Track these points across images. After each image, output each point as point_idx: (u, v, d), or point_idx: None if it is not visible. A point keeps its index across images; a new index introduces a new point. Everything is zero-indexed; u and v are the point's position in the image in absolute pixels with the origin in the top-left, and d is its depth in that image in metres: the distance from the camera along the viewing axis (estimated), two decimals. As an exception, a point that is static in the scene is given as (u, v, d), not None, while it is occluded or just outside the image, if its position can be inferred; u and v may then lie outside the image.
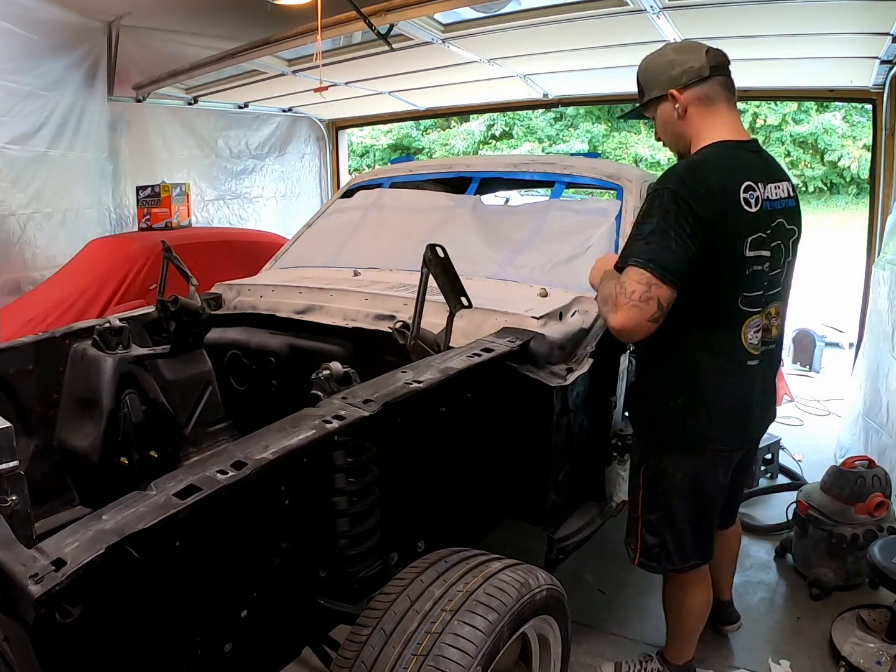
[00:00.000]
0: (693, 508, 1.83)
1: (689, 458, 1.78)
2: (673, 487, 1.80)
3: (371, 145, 17.99)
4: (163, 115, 5.21)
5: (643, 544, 1.90)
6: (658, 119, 1.75)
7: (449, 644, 1.20)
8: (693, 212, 1.52)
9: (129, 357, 2.20)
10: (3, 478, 1.39)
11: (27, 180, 4.26)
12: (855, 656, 2.21)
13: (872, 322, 3.64)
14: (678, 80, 1.64)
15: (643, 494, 1.86)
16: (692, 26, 3.18)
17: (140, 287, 3.83)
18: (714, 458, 1.79)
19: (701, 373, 1.69)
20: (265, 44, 3.65)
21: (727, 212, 1.56)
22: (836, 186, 15.64)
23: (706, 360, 1.69)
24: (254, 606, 1.29)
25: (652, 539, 1.88)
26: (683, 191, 1.54)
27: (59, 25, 4.18)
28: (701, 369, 1.69)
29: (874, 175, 4.18)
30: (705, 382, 1.70)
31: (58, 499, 2.19)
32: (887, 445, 3.12)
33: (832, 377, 5.61)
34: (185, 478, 1.12)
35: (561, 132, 16.99)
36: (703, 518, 1.86)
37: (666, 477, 1.80)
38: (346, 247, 2.84)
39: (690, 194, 1.53)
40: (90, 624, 0.98)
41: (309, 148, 6.66)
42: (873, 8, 2.81)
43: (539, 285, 2.29)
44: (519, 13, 3.27)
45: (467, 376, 1.64)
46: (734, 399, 1.72)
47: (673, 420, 1.75)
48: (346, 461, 1.36)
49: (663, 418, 1.77)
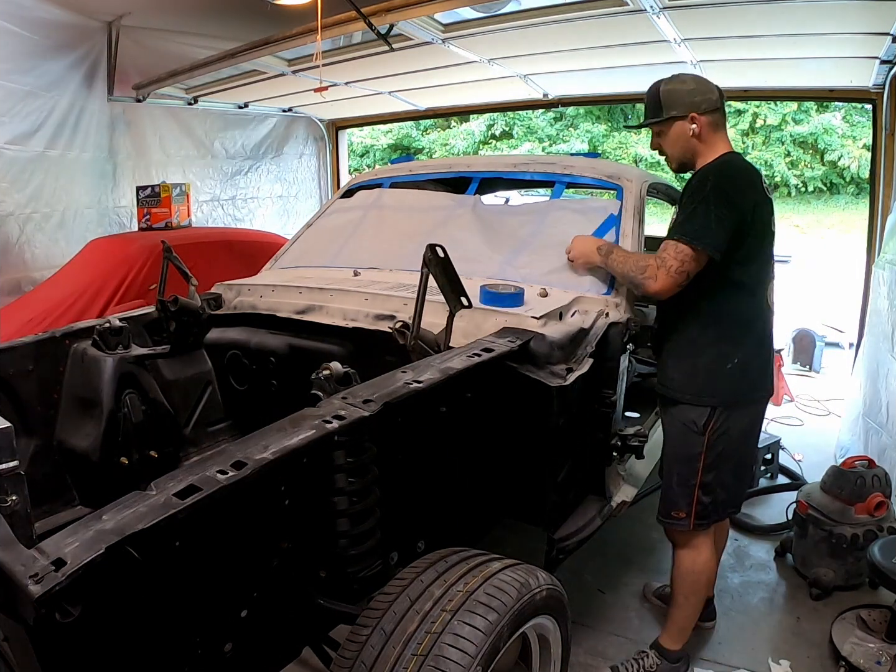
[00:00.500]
0: (740, 461, 2.13)
1: (745, 411, 2.05)
2: (730, 445, 2.05)
3: (371, 145, 18.00)
4: (160, 116, 5.21)
5: (699, 506, 2.09)
6: (671, 134, 2.07)
7: (449, 644, 1.20)
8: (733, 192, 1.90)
9: (129, 357, 2.19)
10: (3, 478, 1.38)
11: (26, 180, 4.26)
12: (855, 656, 2.21)
13: (872, 322, 3.64)
14: (699, 105, 2.01)
15: (704, 460, 2.05)
16: (692, 26, 3.18)
17: (140, 287, 3.83)
18: (760, 408, 2.14)
19: (751, 331, 2.03)
20: (265, 44, 3.65)
21: (758, 197, 1.97)
22: (836, 186, 15.65)
23: (754, 321, 2.04)
24: (254, 606, 1.29)
25: (707, 499, 2.09)
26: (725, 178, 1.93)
27: (59, 25, 4.18)
28: (751, 329, 2.03)
29: (874, 175, 4.18)
30: (755, 339, 2.04)
31: (58, 499, 2.18)
32: (887, 445, 3.12)
33: (832, 377, 5.62)
34: (185, 478, 1.12)
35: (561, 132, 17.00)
36: (746, 469, 2.23)
37: (726, 437, 2.04)
38: (346, 247, 2.84)
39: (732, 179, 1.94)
40: (90, 624, 0.98)
41: (307, 148, 6.66)
42: (873, 8, 2.81)
43: (539, 285, 2.29)
44: (519, 13, 3.27)
45: (467, 376, 1.64)
46: (769, 351, 2.10)
47: (731, 379, 2.00)
48: (346, 461, 1.36)
49: (723, 379, 2.01)
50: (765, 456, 3.70)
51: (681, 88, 2.04)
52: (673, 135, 2.07)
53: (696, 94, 2.02)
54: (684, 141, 2.05)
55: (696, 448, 2.04)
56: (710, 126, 2.04)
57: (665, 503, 2.15)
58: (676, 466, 2.11)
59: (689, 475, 2.07)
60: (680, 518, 2.10)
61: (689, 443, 2.06)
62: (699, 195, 1.92)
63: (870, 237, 4.27)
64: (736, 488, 2.16)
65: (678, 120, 2.03)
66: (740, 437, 2.07)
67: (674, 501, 2.11)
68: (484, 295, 2.15)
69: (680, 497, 2.10)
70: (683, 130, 2.04)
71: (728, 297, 1.99)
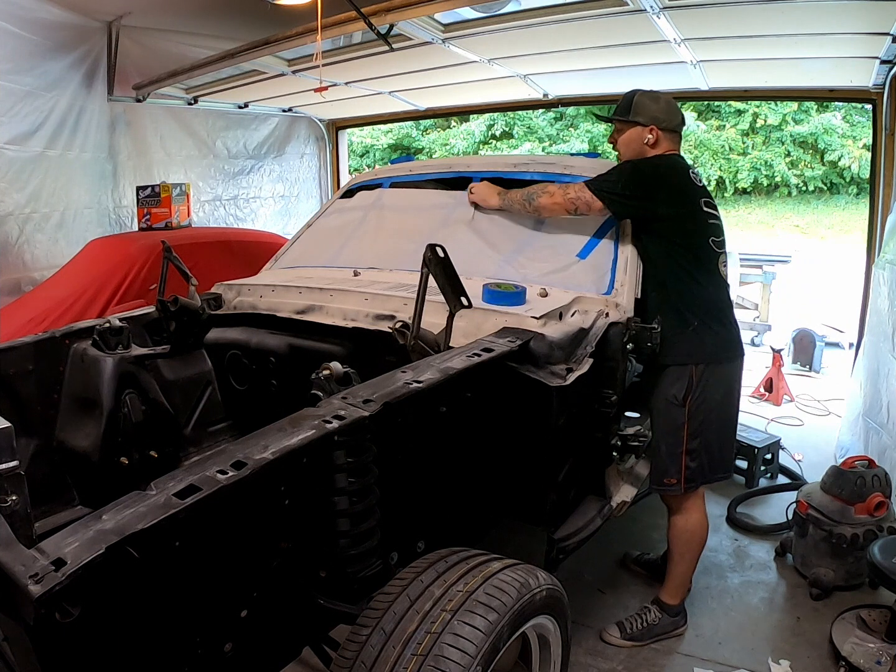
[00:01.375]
0: (722, 425, 2.30)
1: (717, 375, 2.23)
2: (710, 412, 2.24)
3: (371, 145, 17.98)
4: (161, 116, 5.20)
5: (687, 471, 2.27)
6: (627, 135, 2.33)
7: (449, 644, 1.20)
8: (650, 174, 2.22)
9: (129, 357, 2.19)
10: (3, 478, 1.38)
11: (26, 180, 4.25)
12: (855, 656, 2.21)
13: (872, 322, 3.64)
14: (661, 122, 2.29)
15: (687, 428, 2.23)
16: (692, 26, 3.18)
17: (140, 287, 3.82)
18: (732, 369, 2.30)
19: (704, 297, 2.24)
20: (265, 44, 3.65)
21: (680, 173, 2.25)
22: (836, 186, 15.63)
23: (704, 289, 2.24)
24: (254, 606, 1.29)
25: (693, 464, 2.26)
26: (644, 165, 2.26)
27: (59, 25, 4.18)
28: (704, 295, 2.24)
29: (874, 175, 4.18)
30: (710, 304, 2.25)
31: (58, 499, 2.18)
32: (887, 445, 3.12)
33: (832, 377, 5.62)
34: (185, 478, 1.12)
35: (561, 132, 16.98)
36: (728, 432, 2.36)
37: (705, 405, 2.23)
38: (346, 247, 2.84)
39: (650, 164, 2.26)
40: (90, 624, 0.98)
41: (308, 148, 6.65)
42: (873, 8, 2.80)
43: (539, 285, 2.30)
44: (519, 13, 3.26)
45: (467, 376, 1.64)
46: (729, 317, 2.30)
47: (694, 339, 2.21)
48: (346, 461, 1.36)
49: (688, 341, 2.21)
50: (765, 456, 3.70)
51: (651, 104, 2.30)
52: (629, 136, 2.33)
53: (662, 112, 2.30)
54: (637, 144, 2.31)
55: (680, 419, 2.24)
56: (664, 141, 2.30)
57: (657, 472, 2.33)
58: (664, 438, 2.29)
59: (675, 444, 2.26)
60: (672, 484, 2.29)
61: (672, 416, 2.25)
62: (622, 167, 2.30)
63: (870, 237, 4.27)
64: (720, 452, 2.32)
65: (639, 125, 2.29)
66: (718, 403, 2.26)
67: (664, 470, 2.29)
68: (486, 294, 2.17)
69: (670, 465, 2.28)
70: (640, 135, 2.30)
71: (681, 274, 2.22)
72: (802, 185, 15.51)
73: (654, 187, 2.20)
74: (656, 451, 2.32)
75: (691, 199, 2.25)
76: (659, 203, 2.20)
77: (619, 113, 2.35)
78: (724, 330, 2.27)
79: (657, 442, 2.32)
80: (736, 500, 3.39)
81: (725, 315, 2.30)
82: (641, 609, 2.48)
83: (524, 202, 2.40)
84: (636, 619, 2.43)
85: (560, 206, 2.30)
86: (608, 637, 2.42)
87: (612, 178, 2.25)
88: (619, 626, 2.43)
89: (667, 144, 2.31)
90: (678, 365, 2.23)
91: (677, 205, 2.21)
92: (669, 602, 2.44)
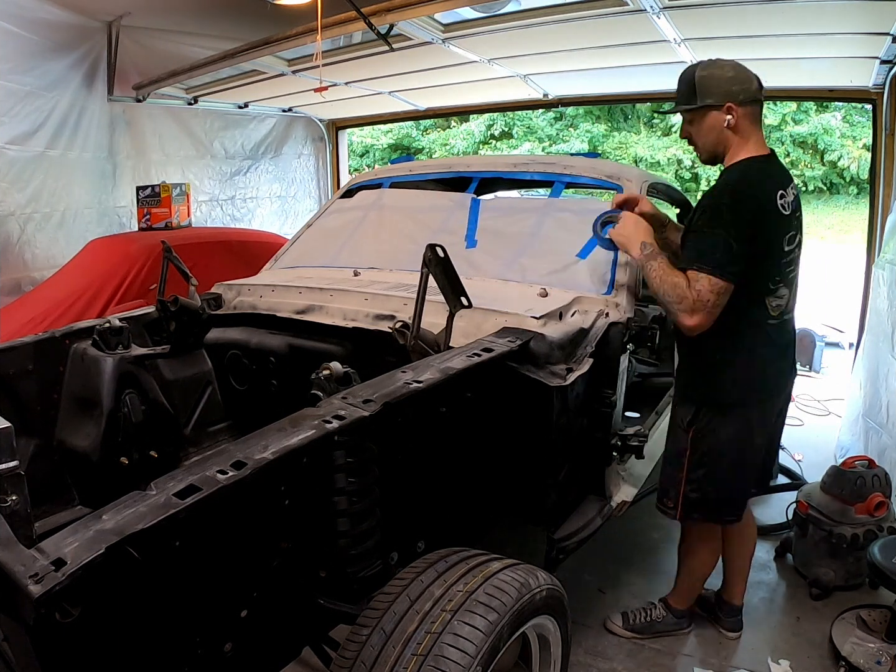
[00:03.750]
0: (737, 464, 2.08)
1: (733, 414, 2.03)
2: (718, 445, 2.05)
3: (371, 145, 17.99)
4: (160, 116, 5.21)
5: (685, 500, 2.13)
6: (704, 123, 1.96)
7: (449, 644, 1.20)
8: (748, 220, 1.84)
9: (129, 357, 2.19)
10: (3, 478, 1.38)
11: (26, 180, 4.26)
12: (855, 656, 2.21)
13: (872, 322, 3.64)
14: (737, 95, 1.90)
15: (689, 455, 2.09)
16: (692, 26, 3.18)
17: (140, 287, 3.82)
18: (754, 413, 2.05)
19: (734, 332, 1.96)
20: (265, 44, 3.65)
21: (771, 217, 1.88)
22: (836, 186, 15.65)
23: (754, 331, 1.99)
24: (254, 606, 1.29)
25: (694, 495, 2.11)
26: (740, 204, 1.85)
27: (59, 25, 4.18)
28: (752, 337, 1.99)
29: (874, 175, 4.18)
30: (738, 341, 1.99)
31: (58, 499, 2.18)
32: (887, 445, 3.12)
33: (832, 377, 5.62)
34: (185, 478, 1.12)
35: (561, 132, 16.99)
36: (746, 474, 2.13)
37: (712, 437, 2.05)
38: (346, 247, 2.84)
39: (745, 205, 1.85)
40: (90, 624, 0.98)
41: (305, 148, 6.66)
42: (873, 8, 2.81)
43: (539, 285, 2.29)
44: (519, 13, 3.27)
45: (467, 376, 1.64)
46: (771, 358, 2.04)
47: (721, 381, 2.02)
48: (346, 461, 1.36)
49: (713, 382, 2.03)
50: (765, 456, 3.70)
51: (719, 75, 1.92)
52: (706, 125, 1.95)
53: (734, 83, 1.90)
54: (718, 132, 1.94)
55: (681, 444, 2.12)
56: (747, 118, 1.93)
57: (660, 490, 2.26)
58: (668, 459, 2.22)
59: (676, 468, 2.15)
60: (668, 507, 2.20)
61: (677, 438, 2.16)
62: (717, 219, 1.85)
63: (870, 237, 4.27)
64: (732, 492, 2.14)
65: (713, 109, 1.92)
66: (732, 440, 2.04)
67: (665, 490, 2.22)
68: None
69: (669, 487, 2.19)
70: (718, 121, 1.92)
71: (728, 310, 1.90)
72: (802, 185, 15.52)
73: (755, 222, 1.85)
74: (662, 470, 2.26)
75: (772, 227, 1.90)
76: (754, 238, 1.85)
77: (683, 100, 1.97)
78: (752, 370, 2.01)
79: (664, 461, 2.26)
80: (736, 500, 3.39)
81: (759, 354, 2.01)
82: (648, 604, 2.50)
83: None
84: (641, 612, 2.46)
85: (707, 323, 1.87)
86: (611, 625, 2.45)
87: (718, 238, 1.82)
88: (623, 616, 2.46)
89: (750, 125, 1.94)
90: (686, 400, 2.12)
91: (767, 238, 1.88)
92: (676, 606, 2.44)
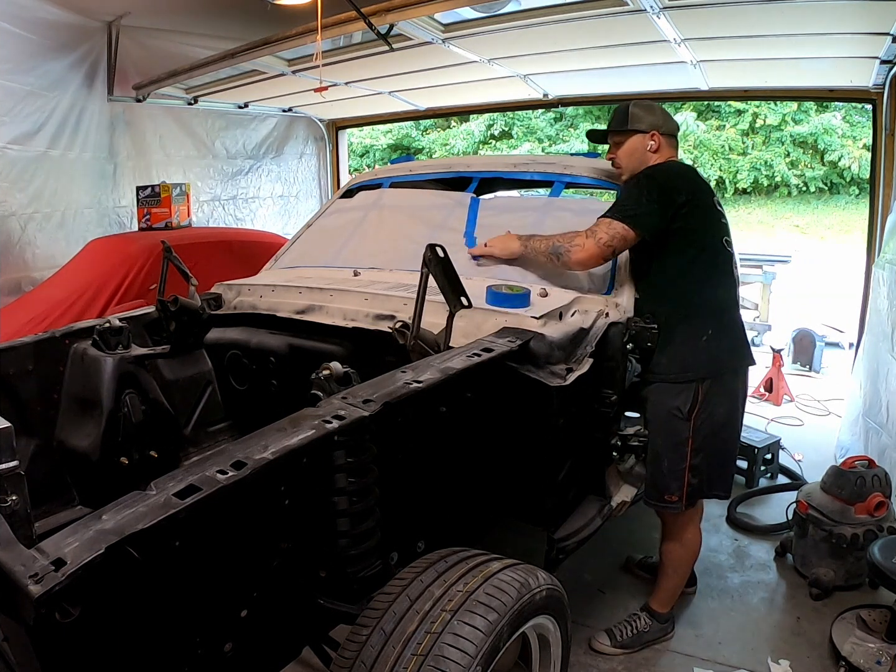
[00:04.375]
0: (724, 441, 2.21)
1: (725, 388, 2.16)
2: (714, 426, 2.15)
3: (371, 145, 17.97)
4: (160, 116, 5.20)
5: (689, 488, 2.18)
6: (628, 145, 2.26)
7: (449, 644, 1.20)
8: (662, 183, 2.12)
9: (129, 357, 2.19)
10: (3, 478, 1.38)
11: (27, 180, 4.26)
12: (855, 656, 2.21)
13: (872, 322, 3.64)
14: (660, 126, 2.25)
15: (692, 443, 2.14)
16: (692, 26, 3.18)
17: (140, 287, 3.82)
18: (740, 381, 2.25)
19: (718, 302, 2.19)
20: (265, 44, 3.65)
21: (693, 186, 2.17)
22: (836, 186, 15.62)
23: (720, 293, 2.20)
24: (254, 606, 1.29)
25: (695, 480, 2.18)
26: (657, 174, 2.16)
27: (59, 25, 4.18)
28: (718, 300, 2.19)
29: (874, 175, 4.18)
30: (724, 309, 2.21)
31: (58, 499, 2.18)
32: (887, 445, 3.12)
33: (832, 377, 5.62)
34: (185, 478, 1.12)
35: (561, 132, 16.97)
36: (733, 446, 2.30)
37: (710, 420, 2.14)
38: (346, 247, 2.84)
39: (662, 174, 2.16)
40: (90, 624, 0.98)
41: (307, 148, 6.65)
42: (873, 8, 2.80)
43: (539, 285, 2.29)
44: (519, 13, 3.26)
45: (467, 376, 1.64)
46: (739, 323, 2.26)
47: (708, 350, 2.13)
48: (346, 461, 1.36)
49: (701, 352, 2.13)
50: (765, 456, 3.69)
51: (650, 110, 2.27)
52: (630, 146, 2.26)
53: (660, 119, 2.26)
54: (640, 153, 2.25)
55: (684, 434, 2.14)
56: (667, 146, 2.26)
57: (657, 488, 2.22)
58: (667, 453, 2.17)
59: (678, 460, 2.16)
60: (672, 502, 2.19)
61: (676, 430, 2.15)
62: (633, 182, 2.19)
63: (870, 237, 4.27)
64: (722, 467, 2.26)
65: (639, 133, 2.23)
66: (724, 416, 2.17)
67: (665, 486, 2.19)
68: (490, 296, 2.15)
69: (672, 482, 2.18)
70: (642, 143, 2.24)
71: (690, 281, 2.14)
72: (802, 185, 15.51)
73: (674, 190, 2.10)
74: (656, 467, 2.19)
75: (708, 197, 2.20)
76: (683, 206, 2.09)
77: (615, 126, 2.28)
78: (735, 335, 2.22)
79: (656, 456, 2.19)
80: (736, 500, 3.39)
81: (736, 319, 2.26)
82: (630, 616, 2.42)
83: (552, 256, 2.21)
84: (626, 626, 2.38)
85: (596, 256, 2.13)
86: (598, 645, 2.35)
87: (631, 197, 2.14)
88: (608, 634, 2.37)
89: (668, 150, 2.27)
90: (686, 382, 2.13)
91: (699, 205, 2.14)
92: (659, 611, 2.40)
